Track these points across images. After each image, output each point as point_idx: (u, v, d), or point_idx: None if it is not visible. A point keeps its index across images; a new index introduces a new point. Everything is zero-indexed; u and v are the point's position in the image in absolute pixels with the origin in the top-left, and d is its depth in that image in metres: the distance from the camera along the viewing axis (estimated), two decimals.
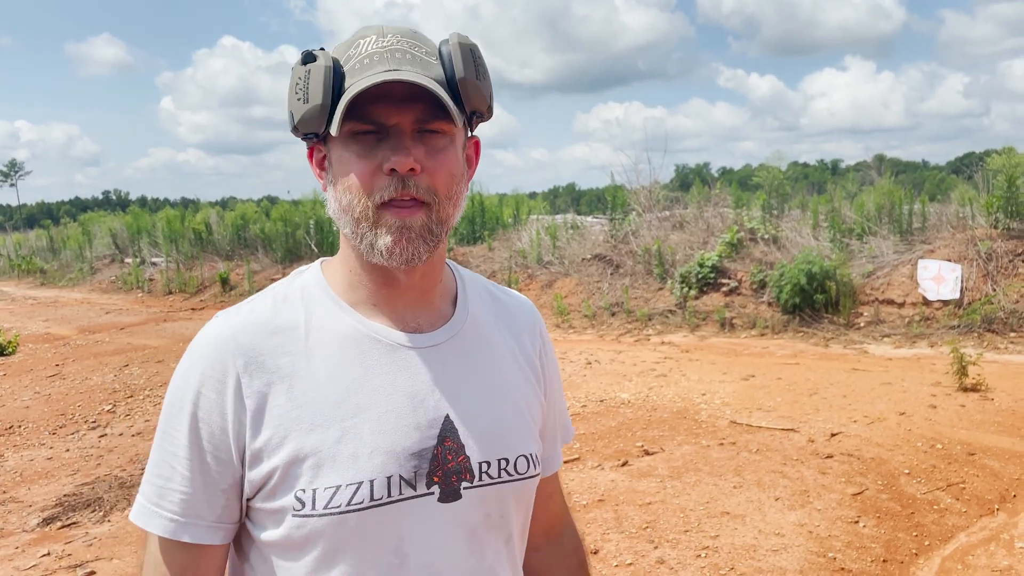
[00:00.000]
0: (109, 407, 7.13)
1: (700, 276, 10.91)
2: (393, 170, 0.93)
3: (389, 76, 0.90)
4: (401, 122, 0.94)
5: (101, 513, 4.76)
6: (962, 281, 9.44)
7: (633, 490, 4.69)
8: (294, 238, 16.08)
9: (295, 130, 0.97)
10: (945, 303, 9.43)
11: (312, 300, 1.03)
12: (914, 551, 3.90)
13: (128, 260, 19.23)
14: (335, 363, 0.98)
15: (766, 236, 11.45)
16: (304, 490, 0.93)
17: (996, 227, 9.97)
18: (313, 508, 0.93)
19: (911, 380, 7.12)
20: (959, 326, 9.02)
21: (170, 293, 16.39)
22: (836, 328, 9.61)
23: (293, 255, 15.81)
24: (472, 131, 1.05)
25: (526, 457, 1.05)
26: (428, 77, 0.93)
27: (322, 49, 0.96)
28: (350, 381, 0.97)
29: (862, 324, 9.66)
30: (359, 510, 0.93)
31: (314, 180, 1.05)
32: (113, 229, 21.30)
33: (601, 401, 6.63)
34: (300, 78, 0.94)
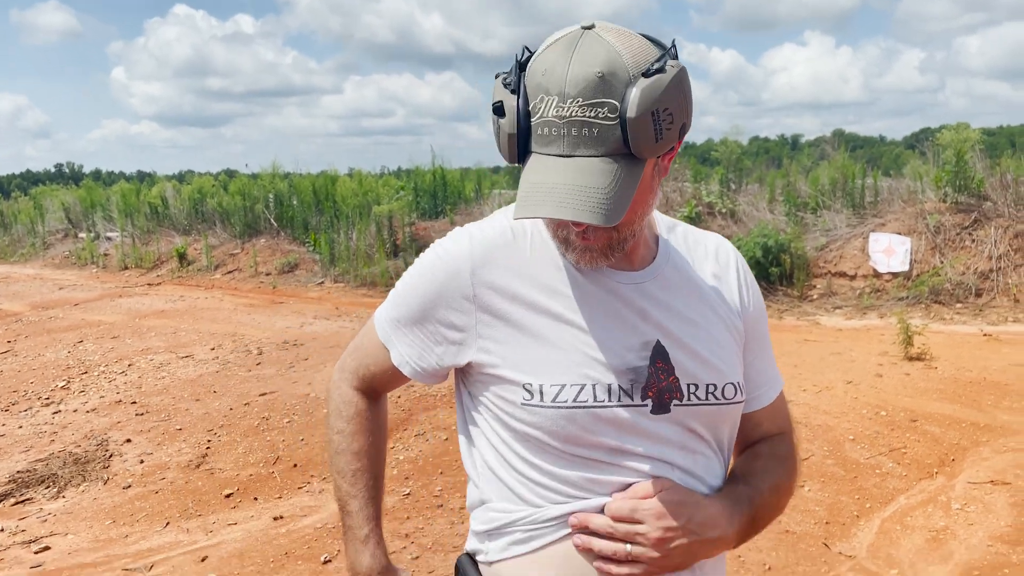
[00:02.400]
0: (63, 383, 7.04)
1: None
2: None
3: (556, 198, 0.97)
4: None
5: (56, 489, 4.73)
6: (911, 254, 9.68)
7: None
8: (253, 212, 15.85)
9: None
10: (895, 275, 9.68)
11: (535, 229, 1.16)
12: (856, 513, 4.06)
13: (82, 235, 18.81)
14: (558, 288, 1.12)
15: (723, 210, 11.61)
16: (531, 383, 1.09)
17: (945, 201, 10.22)
18: (541, 400, 1.08)
19: (860, 350, 7.31)
20: (907, 297, 9.27)
21: (126, 268, 16.10)
22: (790, 300, 9.81)
23: (252, 229, 15.60)
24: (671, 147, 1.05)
25: (733, 385, 1.17)
26: (600, 174, 0.97)
27: (523, 61, 1.03)
28: (571, 303, 1.11)
29: (815, 296, 9.87)
30: (583, 407, 1.07)
31: (271, 153, 1.15)
32: (66, 203, 20.78)
33: None
34: (494, 128, 1.05)
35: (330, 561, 3.74)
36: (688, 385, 1.12)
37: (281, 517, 4.27)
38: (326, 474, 4.83)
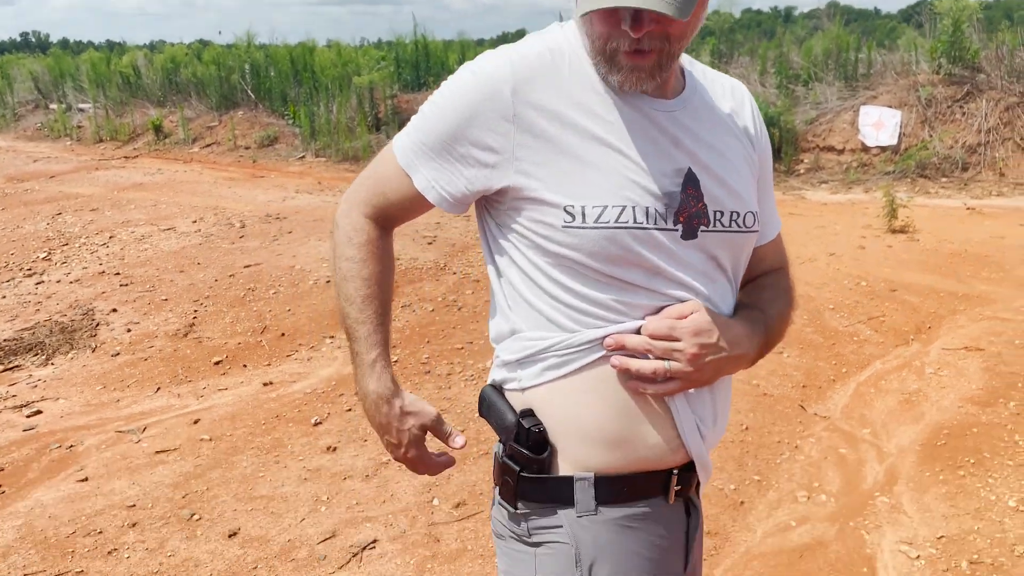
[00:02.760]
0: (44, 255, 6.97)
1: None
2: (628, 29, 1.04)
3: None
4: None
5: (44, 357, 4.76)
6: (901, 127, 9.57)
7: None
8: (229, 83, 15.31)
9: None
10: (883, 149, 9.60)
11: (572, 53, 1.15)
12: (832, 378, 4.17)
13: (53, 106, 18.21)
14: (596, 111, 1.12)
15: None
16: (573, 205, 1.09)
17: (939, 72, 10.02)
18: (584, 221, 1.08)
19: (844, 224, 7.34)
20: (894, 172, 9.23)
21: (101, 141, 15.68)
22: (777, 175, 9.74)
23: (229, 101, 15.12)
24: None
25: (752, 214, 1.21)
26: None
27: None
28: (608, 126, 1.11)
29: (802, 171, 9.81)
30: (624, 228, 1.08)
31: (245, 23, 1.08)
32: (34, 72, 19.98)
33: None
34: None
35: (320, 423, 3.83)
36: (714, 212, 1.16)
37: (271, 383, 4.34)
38: (313, 343, 4.88)
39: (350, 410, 3.95)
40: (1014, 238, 6.59)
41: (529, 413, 1.16)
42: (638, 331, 1.13)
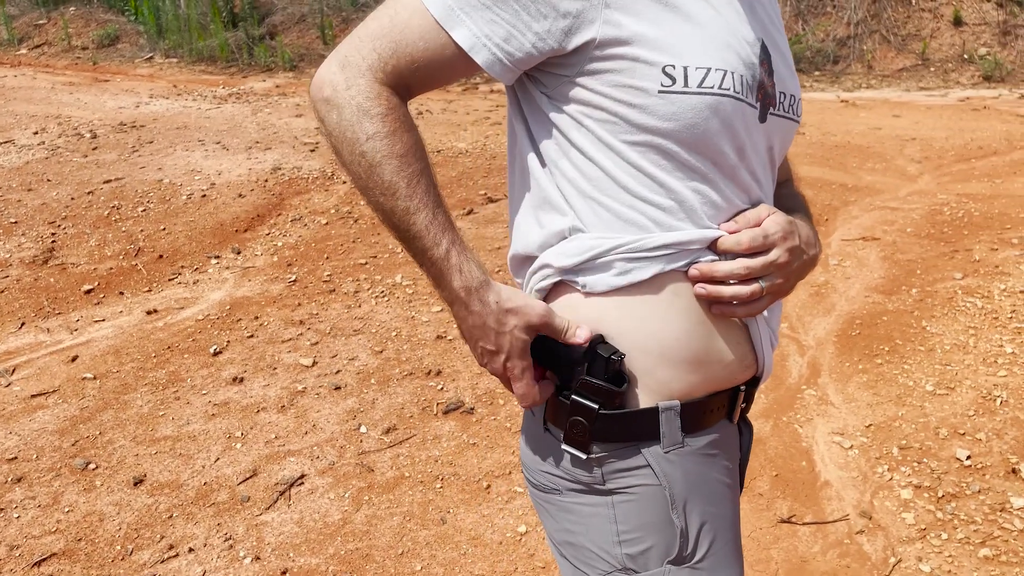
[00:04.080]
0: None
1: None
2: None
3: None
4: None
5: None
6: None
7: (482, 236, 4.64)
8: None
9: None
10: None
11: None
12: None
13: None
14: None
15: None
16: (674, 66, 0.90)
17: None
18: (686, 85, 0.90)
19: None
20: None
21: None
22: None
23: None
24: None
25: (801, 103, 1.09)
26: None
27: None
28: None
29: None
30: (729, 96, 0.92)
31: None
32: None
33: (438, 152, 6.40)
34: None
35: (221, 352, 3.50)
36: (780, 93, 1.02)
37: (155, 311, 3.93)
38: (197, 264, 4.46)
39: (252, 336, 3.64)
40: (890, 129, 6.84)
41: (601, 339, 0.96)
42: (712, 246, 0.97)
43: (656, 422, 0.97)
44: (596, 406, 0.95)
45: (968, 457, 2.67)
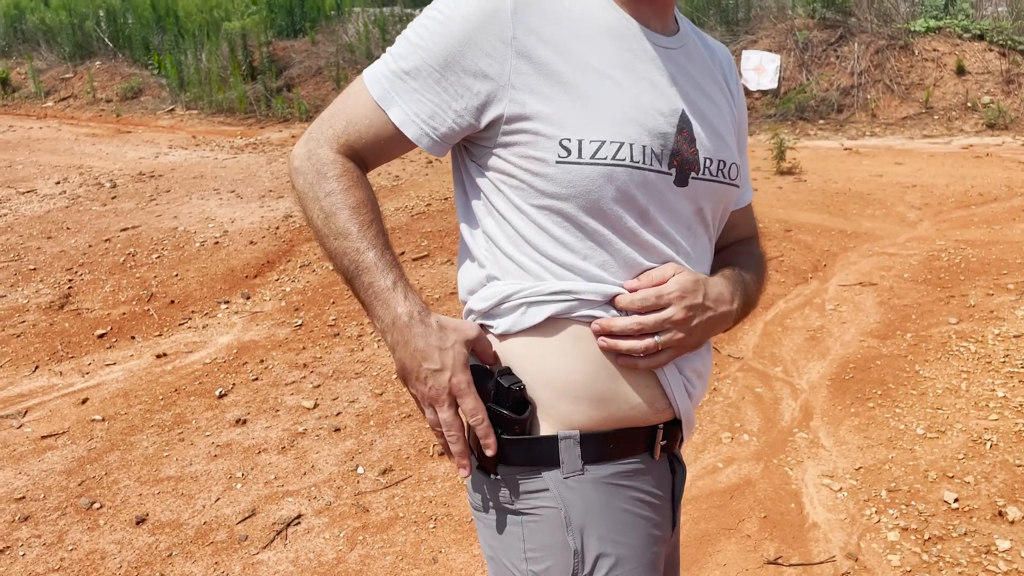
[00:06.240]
0: None
1: None
2: None
3: None
4: None
5: None
6: (780, 71, 9.84)
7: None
8: (83, 30, 14.10)
9: None
10: (764, 93, 9.86)
11: None
12: None
13: None
14: (595, 42, 1.04)
15: None
16: (570, 139, 1.00)
17: (813, 17, 10.34)
18: (580, 156, 1.00)
19: None
20: (775, 115, 9.51)
21: None
22: None
23: (84, 51, 13.94)
24: None
25: (737, 166, 1.15)
26: None
27: None
28: (608, 59, 1.04)
29: None
30: (623, 166, 1.00)
31: None
32: None
33: (445, 199, 6.54)
34: None
35: (226, 395, 3.60)
36: (705, 159, 1.09)
37: (164, 355, 4.04)
38: (207, 309, 4.58)
39: (256, 379, 3.73)
40: (891, 176, 6.92)
41: (507, 371, 1.07)
42: (613, 301, 1.06)
43: (556, 449, 1.06)
44: (499, 431, 1.05)
45: (956, 500, 2.70)
